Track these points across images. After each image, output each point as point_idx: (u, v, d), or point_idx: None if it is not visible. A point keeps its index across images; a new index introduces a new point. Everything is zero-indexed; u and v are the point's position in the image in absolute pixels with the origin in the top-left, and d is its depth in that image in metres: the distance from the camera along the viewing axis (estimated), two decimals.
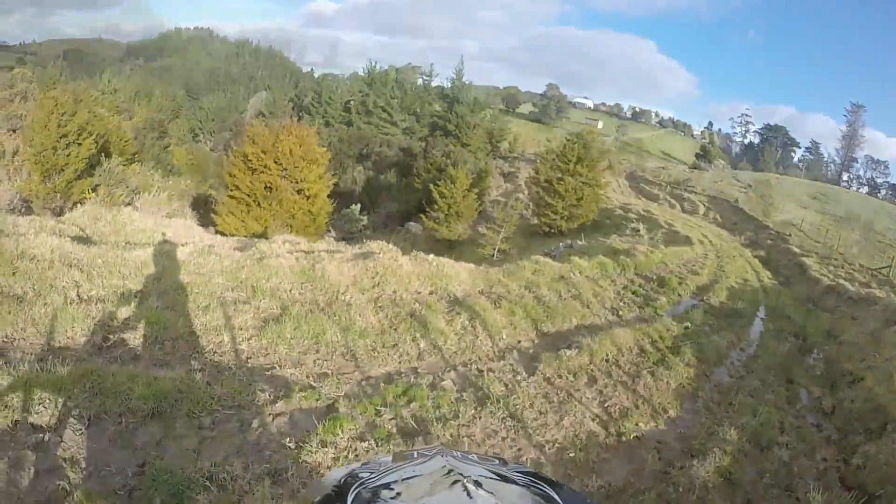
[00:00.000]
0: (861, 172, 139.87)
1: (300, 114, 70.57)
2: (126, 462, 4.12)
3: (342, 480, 1.40)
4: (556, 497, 1.31)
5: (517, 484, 1.35)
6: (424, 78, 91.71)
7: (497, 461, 1.58)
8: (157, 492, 3.86)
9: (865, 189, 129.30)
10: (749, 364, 11.31)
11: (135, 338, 5.89)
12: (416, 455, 1.55)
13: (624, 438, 6.67)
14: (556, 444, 6.08)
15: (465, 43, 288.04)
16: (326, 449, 4.71)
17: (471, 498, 1.20)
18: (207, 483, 4.00)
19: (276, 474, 4.33)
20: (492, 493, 1.24)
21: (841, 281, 25.68)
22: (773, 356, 12.17)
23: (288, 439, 4.74)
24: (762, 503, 6.13)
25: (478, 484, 1.26)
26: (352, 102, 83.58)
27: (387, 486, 1.32)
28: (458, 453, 1.56)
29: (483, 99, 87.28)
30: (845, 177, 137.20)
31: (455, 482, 1.27)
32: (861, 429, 8.76)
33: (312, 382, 5.89)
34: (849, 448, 8.23)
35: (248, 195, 22.94)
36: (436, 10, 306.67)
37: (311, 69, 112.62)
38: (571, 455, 5.94)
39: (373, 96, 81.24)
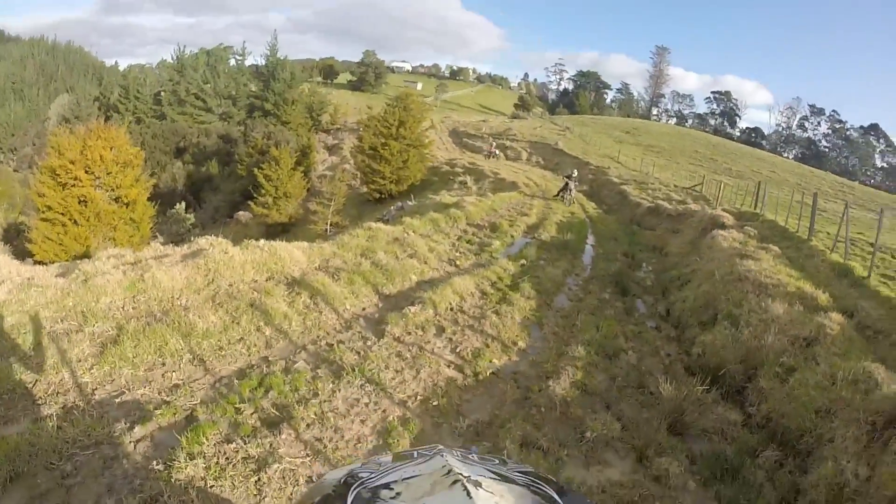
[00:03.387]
0: (669, 106, 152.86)
1: (108, 113, 65.32)
2: None
3: (342, 480, 1.40)
4: (555, 497, 1.31)
5: (517, 484, 1.35)
6: (237, 58, 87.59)
7: (497, 461, 1.57)
8: None
9: (674, 120, 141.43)
10: (585, 286, 11.95)
11: None
12: (415, 455, 1.55)
13: (481, 377, 6.80)
14: (419, 397, 6.08)
15: (271, 16, 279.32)
16: (195, 461, 4.42)
17: (470, 498, 1.19)
18: None
19: (153, 501, 4.04)
20: (492, 492, 1.25)
21: (660, 202, 27.64)
22: (607, 276, 12.94)
23: (154, 462, 4.41)
24: (619, 403, 6.51)
25: (477, 484, 1.26)
26: (162, 93, 78.86)
27: (387, 486, 1.34)
28: (458, 453, 1.56)
29: (300, 73, 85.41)
30: (655, 111, 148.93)
31: (455, 482, 1.27)
32: (695, 323, 9.49)
33: (165, 397, 5.48)
34: (688, 341, 8.95)
35: (63, 213, 20.95)
36: None
37: (116, 62, 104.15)
38: (435, 404, 5.97)
39: (184, 84, 76.92)
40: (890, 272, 14.41)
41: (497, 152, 46.86)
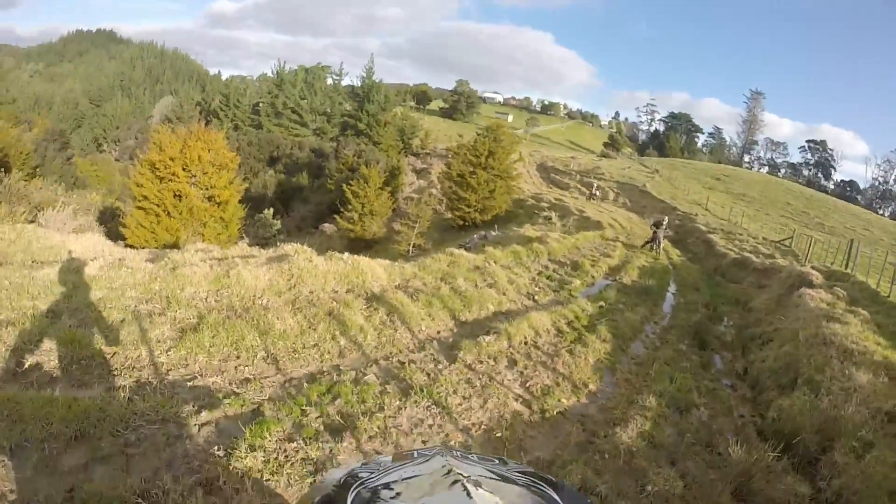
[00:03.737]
0: (762, 153, 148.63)
1: (208, 118, 68.40)
2: (54, 489, 3.83)
3: (342, 480, 1.41)
4: (555, 497, 1.31)
5: (517, 484, 1.36)
6: (334, 77, 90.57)
7: (497, 461, 1.58)
8: None
9: (766, 168, 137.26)
10: (663, 335, 11.70)
11: (50, 360, 5.53)
12: (416, 455, 1.57)
13: (548, 415, 6.74)
14: (483, 426, 6.07)
15: (367, 40, 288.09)
16: (255, 453, 4.53)
17: (470, 498, 1.19)
18: (139, 500, 3.79)
19: (208, 484, 4.14)
20: (492, 492, 1.24)
21: (746, 254, 26.78)
22: (686, 326, 12.64)
23: (216, 447, 4.54)
24: (685, 460, 6.31)
25: (478, 484, 1.26)
26: (261, 104, 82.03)
27: (387, 485, 1.33)
28: (458, 453, 1.58)
29: (393, 97, 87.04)
30: (746, 158, 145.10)
31: (455, 482, 1.27)
32: (773, 386, 9.11)
33: (235, 389, 5.66)
34: (763, 404, 8.59)
35: (157, 205, 21.90)
36: (335, 6, 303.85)
37: (219, 71, 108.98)
38: (498, 435, 5.95)
39: (282, 97, 79.89)
40: None
41: (598, 193, 45.38)
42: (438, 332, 8.79)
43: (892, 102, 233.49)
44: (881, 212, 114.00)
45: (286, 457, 4.68)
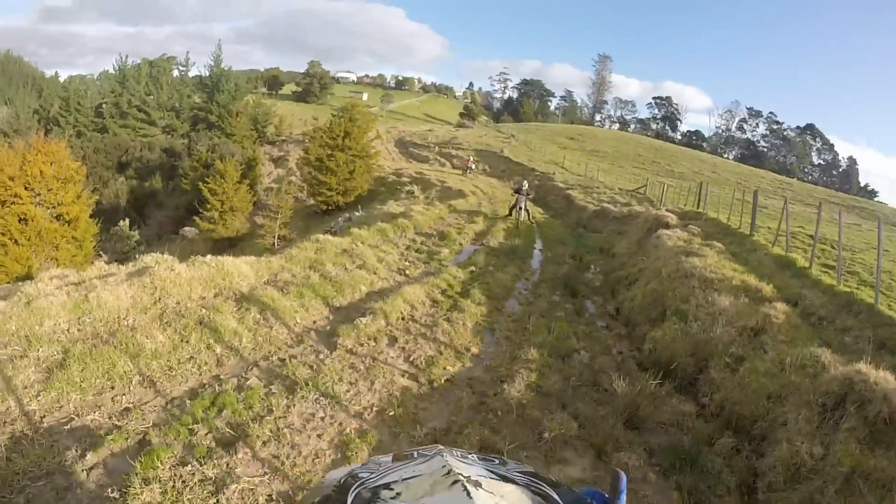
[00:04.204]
0: (612, 112, 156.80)
1: (48, 126, 62.95)
2: None
3: (342, 480, 1.40)
4: (555, 496, 1.32)
5: (517, 483, 1.35)
6: (180, 68, 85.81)
7: (496, 461, 1.56)
8: None
9: (617, 126, 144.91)
10: (535, 290, 12.09)
11: None
12: (415, 455, 1.56)
13: (436, 385, 6.79)
14: (375, 408, 6.04)
15: (214, 26, 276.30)
16: (151, 486, 4.30)
17: (470, 498, 1.19)
18: None
19: None
20: (491, 492, 1.25)
21: (605, 205, 28.24)
22: (556, 278, 13.14)
23: (109, 490, 4.28)
24: (575, 402, 6.55)
25: (477, 484, 1.27)
26: (104, 105, 76.63)
27: (387, 486, 1.34)
28: (458, 453, 1.56)
29: (244, 84, 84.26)
30: (598, 117, 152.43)
31: (455, 482, 1.27)
32: (645, 321, 9.66)
33: (116, 422, 5.30)
34: (638, 339, 9.13)
35: (2, 234, 20.20)
36: None
37: (56, 73, 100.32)
38: (391, 414, 5.94)
39: (126, 95, 74.88)
40: (830, 262, 14.85)
41: (473, 167, 45.35)
42: (315, 322, 8.63)
43: (731, 56, 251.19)
44: (726, 156, 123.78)
45: (183, 482, 4.46)
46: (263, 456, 4.92)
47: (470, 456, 1.57)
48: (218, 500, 4.28)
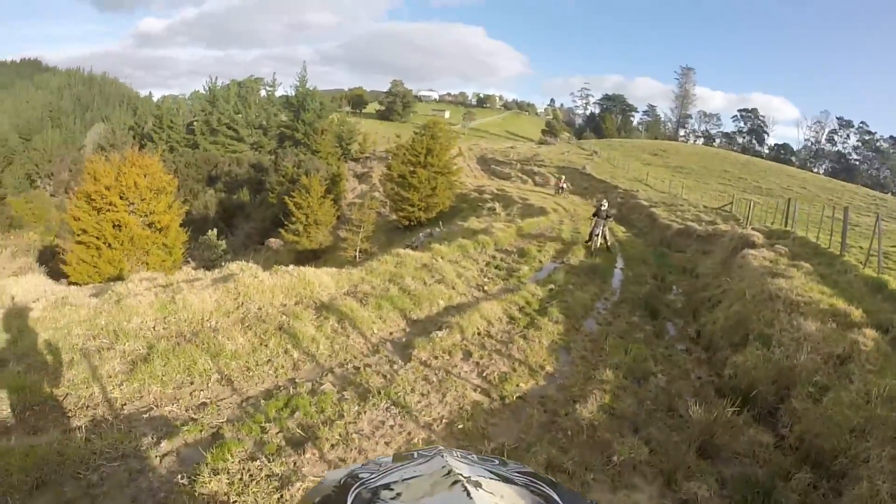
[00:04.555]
0: (696, 126, 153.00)
1: (142, 142, 67.05)
2: None
3: (342, 481, 1.40)
4: (555, 497, 1.31)
5: (517, 484, 1.35)
6: (268, 89, 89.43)
7: (497, 461, 1.57)
8: None
9: (701, 140, 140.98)
10: (614, 310, 11.85)
11: (1, 409, 5.34)
12: (416, 455, 1.56)
13: (507, 401, 6.75)
14: (444, 420, 6.06)
15: (298, 48, 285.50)
16: (219, 476, 4.45)
17: (470, 498, 1.18)
18: None
19: None
20: (492, 493, 1.25)
21: (689, 223, 27.39)
22: (636, 299, 12.83)
23: (179, 476, 4.46)
24: (648, 427, 6.37)
25: (477, 484, 1.26)
26: (195, 123, 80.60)
27: (387, 486, 1.35)
28: (458, 453, 1.56)
29: (329, 103, 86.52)
30: (682, 132, 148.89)
31: (455, 482, 1.27)
32: (726, 345, 9.28)
33: (192, 415, 5.54)
34: (718, 363, 8.77)
35: (97, 237, 21.44)
36: (262, 15, 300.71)
37: (150, 93, 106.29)
38: (460, 427, 5.94)
39: (216, 114, 78.64)
40: None
41: (564, 186, 43.74)
42: (391, 334, 8.76)
43: (819, 65, 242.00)
44: (815, 170, 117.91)
45: (250, 476, 4.60)
46: (330, 458, 5.03)
47: (470, 456, 1.57)
48: (282, 496, 4.39)
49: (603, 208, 20.17)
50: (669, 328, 11.08)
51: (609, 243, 20.16)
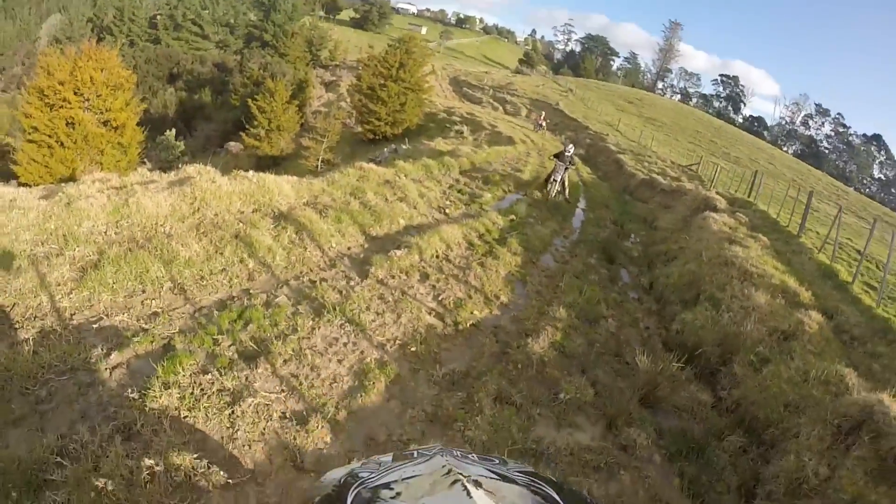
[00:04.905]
0: (675, 82, 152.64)
1: (101, 35, 63.68)
2: None
3: (342, 480, 1.41)
4: (555, 496, 1.30)
5: (517, 483, 1.35)
6: None
7: (497, 461, 1.57)
8: (11, 485, 3.48)
9: (678, 97, 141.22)
10: (572, 249, 12.00)
11: None
12: (415, 455, 1.56)
13: (461, 327, 6.81)
14: (397, 341, 6.09)
15: None
16: (170, 390, 4.38)
17: (470, 498, 1.19)
18: (59, 458, 3.64)
19: (126, 429, 3.99)
20: (491, 492, 1.24)
21: (654, 175, 27.76)
22: (595, 241, 13.03)
23: (130, 390, 4.35)
24: (595, 369, 6.53)
25: (477, 483, 1.26)
26: (158, 17, 77.20)
27: (387, 485, 1.34)
28: (458, 452, 1.56)
29: (301, 5, 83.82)
30: (660, 85, 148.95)
31: (455, 482, 1.27)
32: (677, 300, 9.51)
33: (144, 325, 5.40)
34: (668, 317, 9.01)
35: (49, 136, 20.71)
36: None
37: None
38: (413, 349, 5.98)
39: (181, 8, 75.53)
40: (873, 282, 14.53)
41: (543, 124, 42.77)
42: (349, 249, 8.67)
43: (807, 48, 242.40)
44: (785, 149, 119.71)
45: (202, 390, 4.54)
46: (283, 374, 5.00)
47: (470, 456, 1.57)
48: (233, 412, 4.35)
49: (568, 153, 17.17)
50: (624, 275, 11.27)
51: (567, 193, 17.47)
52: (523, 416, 5.17)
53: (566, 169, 16.79)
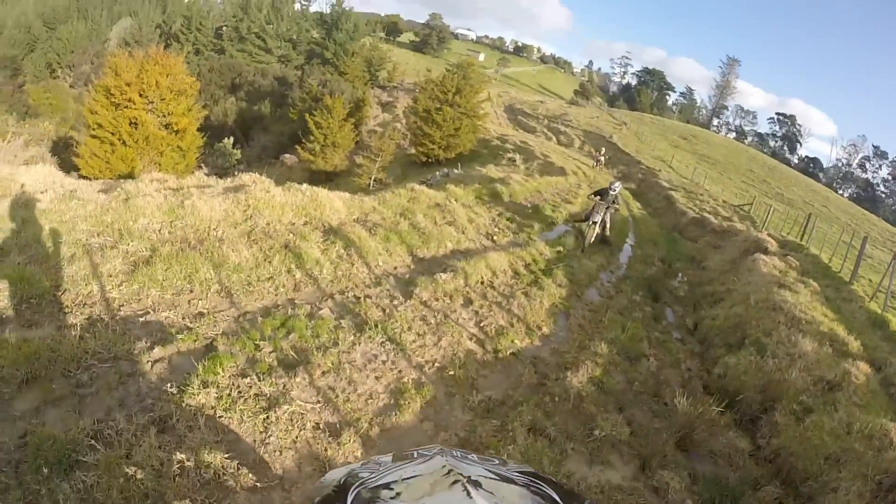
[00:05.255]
0: (730, 119, 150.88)
1: (168, 41, 65.64)
2: (7, 435, 3.74)
3: (342, 480, 1.41)
4: (555, 497, 1.31)
5: (517, 484, 1.35)
6: (302, 3, 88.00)
7: (497, 461, 1.58)
8: (44, 461, 3.56)
9: (733, 134, 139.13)
10: (618, 285, 11.85)
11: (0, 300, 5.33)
12: (415, 455, 1.57)
13: (501, 355, 6.79)
14: (436, 364, 6.09)
15: None
16: (209, 389, 4.46)
17: (470, 498, 1.19)
18: (93, 442, 3.72)
19: (161, 422, 4.07)
20: (491, 492, 1.24)
21: (705, 214, 27.27)
22: (641, 278, 12.86)
23: (169, 385, 4.45)
24: (632, 407, 6.43)
25: (477, 484, 1.26)
26: (224, 29, 79.31)
27: (387, 485, 1.33)
28: (458, 453, 1.58)
29: (363, 26, 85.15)
30: (715, 122, 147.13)
31: (455, 482, 1.28)
32: (721, 343, 9.31)
33: (188, 323, 5.51)
34: (710, 360, 8.81)
35: (112, 133, 21.36)
36: None
37: None
38: (451, 373, 5.97)
39: (247, 22, 77.32)
40: None
41: (602, 160, 40.95)
42: (395, 268, 8.73)
43: (865, 88, 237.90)
44: (840, 192, 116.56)
45: (239, 392, 4.61)
46: (320, 385, 5.05)
47: (470, 456, 1.57)
48: (268, 416, 4.41)
49: (613, 191, 14.72)
50: (668, 314, 11.09)
51: (607, 233, 15.13)
52: (556, 450, 5.10)
53: (608, 209, 14.48)
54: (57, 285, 5.62)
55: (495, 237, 12.23)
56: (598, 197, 14.60)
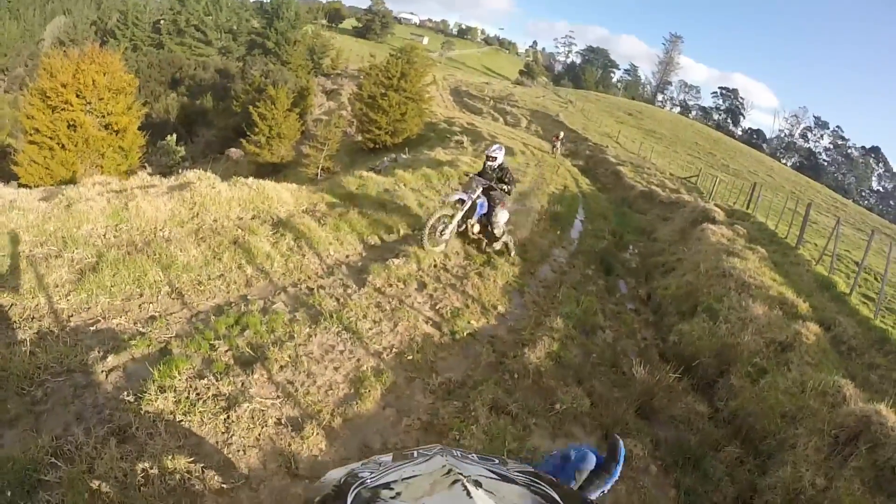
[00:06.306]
0: (675, 94, 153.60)
1: (104, 38, 64.11)
2: None
3: (342, 480, 1.39)
4: (555, 497, 1.27)
5: (517, 483, 1.32)
6: None
7: (497, 461, 1.54)
8: (5, 484, 3.47)
9: (678, 109, 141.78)
10: (570, 260, 11.98)
11: None
12: (415, 455, 1.55)
13: (458, 336, 6.80)
14: (394, 350, 6.07)
15: None
16: (166, 394, 4.36)
17: (470, 498, 1.14)
18: (53, 459, 3.63)
19: (121, 432, 3.98)
20: (492, 492, 1.20)
21: (653, 187, 27.79)
22: (593, 252, 13.03)
23: (125, 393, 4.34)
24: (591, 379, 6.50)
25: (478, 484, 1.22)
26: (162, 22, 77.49)
27: (387, 485, 1.30)
28: (458, 452, 1.56)
29: (305, 14, 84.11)
30: (660, 97, 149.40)
31: (455, 482, 1.23)
32: (674, 311, 9.53)
33: (141, 329, 5.37)
34: (665, 328, 8.99)
35: (51, 137, 20.80)
36: None
37: None
38: (410, 358, 5.95)
39: (185, 14, 75.71)
40: (871, 293, 14.64)
41: (558, 145, 37.99)
42: (347, 257, 8.65)
43: (807, 60, 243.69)
44: (784, 161, 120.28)
45: (198, 395, 4.53)
46: (279, 380, 4.97)
47: (470, 456, 1.54)
48: (228, 416, 4.33)
49: (492, 163, 10.38)
50: (621, 286, 11.26)
51: (497, 231, 9.99)
52: (519, 426, 5.14)
53: (489, 190, 9.85)
54: (2, 300, 5.43)
55: None
56: (467, 175, 11.07)
